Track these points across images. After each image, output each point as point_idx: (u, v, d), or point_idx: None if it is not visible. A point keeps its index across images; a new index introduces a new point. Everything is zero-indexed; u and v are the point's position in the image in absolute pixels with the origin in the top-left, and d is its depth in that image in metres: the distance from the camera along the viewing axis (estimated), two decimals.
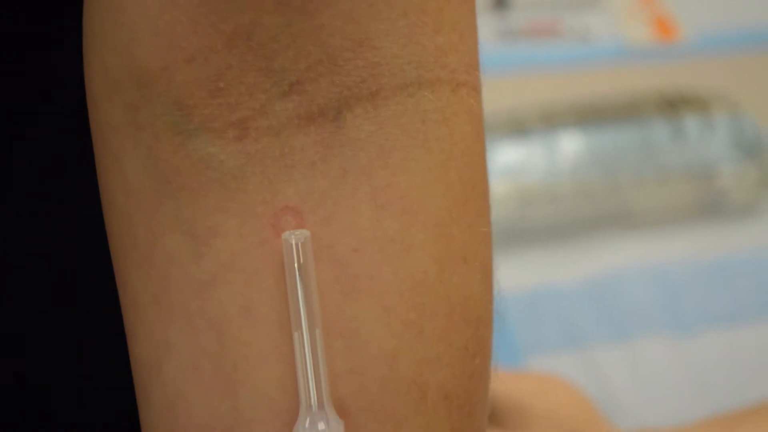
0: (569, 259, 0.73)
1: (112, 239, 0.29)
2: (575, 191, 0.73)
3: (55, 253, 0.38)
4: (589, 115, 0.76)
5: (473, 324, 0.28)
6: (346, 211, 0.27)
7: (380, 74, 0.27)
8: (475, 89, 0.29)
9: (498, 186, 0.72)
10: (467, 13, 0.28)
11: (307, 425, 0.26)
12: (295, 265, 0.26)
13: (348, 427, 0.26)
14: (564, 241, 0.74)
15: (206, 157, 0.26)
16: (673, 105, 0.76)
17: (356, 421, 0.27)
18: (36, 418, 0.40)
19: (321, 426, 0.26)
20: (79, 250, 0.38)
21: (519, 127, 0.74)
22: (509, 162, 0.73)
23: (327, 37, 0.26)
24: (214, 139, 0.26)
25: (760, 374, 0.66)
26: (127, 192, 0.27)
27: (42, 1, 0.33)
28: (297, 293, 0.26)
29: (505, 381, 0.54)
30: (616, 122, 0.75)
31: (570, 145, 0.74)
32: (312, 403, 0.26)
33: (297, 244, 0.26)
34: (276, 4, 0.26)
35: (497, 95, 0.81)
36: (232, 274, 0.27)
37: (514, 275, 0.71)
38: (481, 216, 0.29)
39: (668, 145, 0.74)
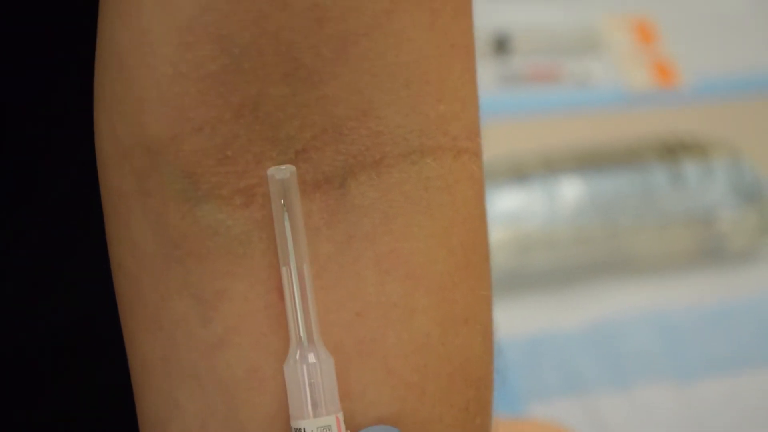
0: (569, 305, 0.73)
1: (121, 301, 0.29)
2: (575, 237, 0.73)
3: (60, 316, 0.38)
4: (589, 161, 0.76)
5: (474, 385, 0.28)
6: (351, 276, 0.27)
7: (384, 143, 0.27)
8: (477, 155, 0.29)
9: (498, 232, 0.72)
10: (469, 81, 0.29)
11: (297, 357, 0.26)
12: (281, 200, 0.26)
13: None
14: (564, 286, 0.74)
15: (214, 224, 0.27)
16: (673, 151, 0.76)
17: None
18: None
19: (311, 359, 0.26)
20: (85, 312, 0.39)
21: (519, 173, 0.75)
22: (509, 208, 0.73)
23: (332, 107, 0.27)
24: (222, 206, 0.27)
25: (762, 421, 0.66)
26: (136, 256, 0.28)
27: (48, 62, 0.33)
28: (284, 228, 0.26)
29: (504, 428, 0.54)
30: (616, 168, 0.75)
31: (570, 190, 0.74)
32: (302, 336, 0.26)
33: (282, 180, 0.26)
34: (282, 75, 0.26)
35: (497, 140, 0.81)
36: (239, 337, 0.27)
37: (515, 321, 0.71)
38: (482, 279, 0.29)
39: (668, 191, 0.74)
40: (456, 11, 0.28)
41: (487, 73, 0.90)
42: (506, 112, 0.87)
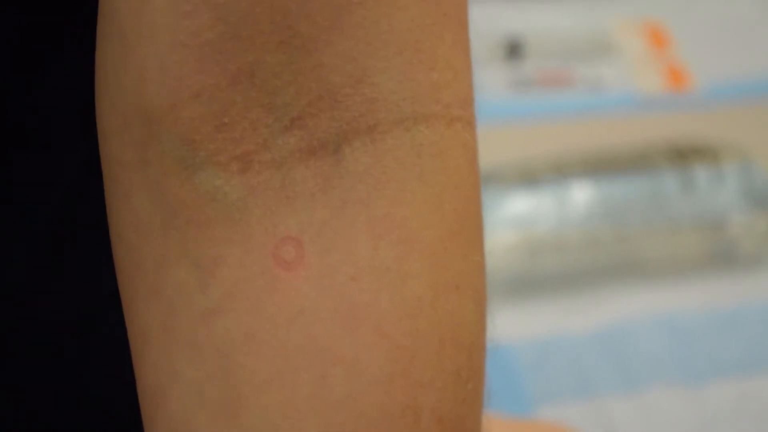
0: (579, 308, 0.73)
1: (121, 273, 0.29)
2: (585, 241, 0.74)
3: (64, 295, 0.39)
4: (600, 165, 0.76)
5: (466, 350, 0.29)
6: (345, 241, 0.28)
7: (377, 109, 0.28)
8: (470, 124, 0.30)
9: (508, 235, 0.73)
10: (461, 51, 0.29)
11: None
12: None
13: None
14: (574, 290, 0.74)
15: (211, 190, 0.27)
16: (684, 155, 0.76)
17: None
18: None
19: None
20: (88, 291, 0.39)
21: (529, 177, 0.75)
22: (519, 211, 0.73)
23: (327, 74, 0.27)
24: (219, 172, 0.27)
25: None
26: (136, 226, 0.28)
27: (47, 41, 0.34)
28: None
29: (512, 429, 0.54)
30: (626, 172, 0.75)
31: (581, 194, 0.74)
32: None
33: None
34: (278, 43, 0.27)
35: (508, 144, 0.82)
36: (236, 302, 0.27)
37: (524, 324, 0.71)
38: (475, 246, 0.29)
39: (678, 196, 0.74)
40: None
41: (498, 77, 0.90)
42: (518, 117, 0.87)
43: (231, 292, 0.27)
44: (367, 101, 0.28)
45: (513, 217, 0.73)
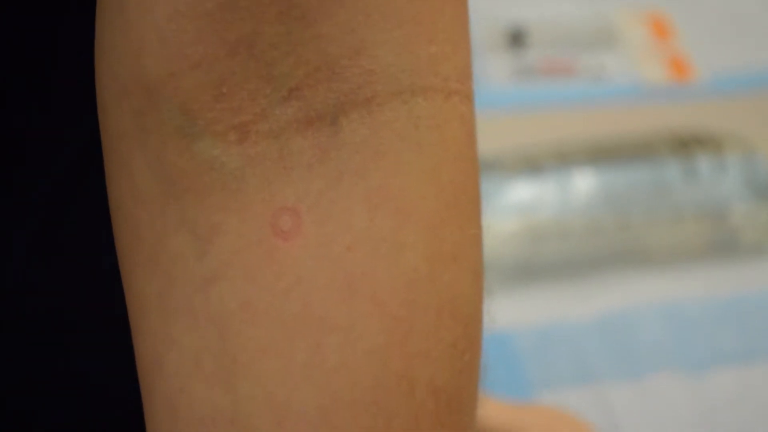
0: (581, 295, 0.73)
1: (119, 241, 0.29)
2: (587, 228, 0.74)
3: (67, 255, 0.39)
4: (603, 154, 0.76)
5: (462, 322, 0.29)
6: (342, 211, 0.27)
7: (375, 81, 0.28)
8: (468, 98, 0.29)
9: (510, 222, 0.73)
10: (460, 25, 0.29)
11: None
12: None
13: (338, 421, 0.27)
14: (576, 277, 0.74)
15: (209, 159, 0.27)
16: (686, 145, 0.77)
17: (347, 417, 0.27)
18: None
19: None
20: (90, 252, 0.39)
21: (532, 165, 0.75)
22: (522, 199, 0.73)
23: (325, 45, 0.27)
24: (217, 142, 0.27)
25: None
26: (135, 195, 0.28)
27: (49, 16, 0.34)
28: None
29: (513, 413, 0.54)
30: (629, 161, 0.76)
31: (583, 182, 0.75)
32: None
33: None
34: (277, 14, 0.27)
35: (511, 132, 0.82)
36: (233, 271, 0.27)
37: (526, 311, 0.71)
38: (472, 219, 0.29)
39: (680, 185, 0.75)
40: None
41: (501, 66, 0.90)
42: (520, 105, 0.87)
43: (228, 261, 0.27)
44: (365, 73, 0.28)
45: (515, 205, 0.73)
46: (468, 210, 0.29)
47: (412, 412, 0.28)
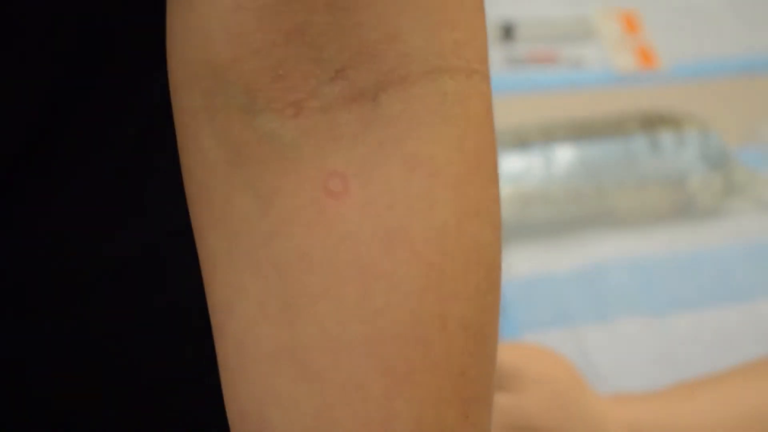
0: (562, 251, 0.73)
1: (192, 204, 0.30)
2: (568, 194, 0.74)
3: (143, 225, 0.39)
4: (581, 131, 0.76)
5: (485, 267, 0.29)
6: (382, 175, 0.27)
7: (409, 62, 0.28)
8: (486, 77, 0.29)
9: (503, 190, 0.72)
10: (478, 15, 0.29)
11: None
12: None
13: (384, 352, 0.27)
14: (558, 236, 0.74)
15: (269, 132, 0.27)
16: (652, 123, 0.76)
17: (391, 348, 0.27)
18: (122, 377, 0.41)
19: None
20: (149, 241, 0.40)
21: (521, 141, 0.75)
22: (513, 169, 0.73)
23: (366, 32, 0.27)
24: (276, 117, 0.27)
25: (721, 349, 0.67)
26: (204, 164, 0.28)
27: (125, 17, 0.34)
28: None
29: (503, 350, 0.54)
30: (603, 137, 0.75)
31: (564, 155, 0.74)
32: None
33: None
34: (325, 5, 0.27)
35: (504, 114, 0.81)
36: (291, 227, 0.27)
37: (515, 264, 0.71)
38: (491, 179, 0.29)
39: (647, 157, 0.74)
40: None
41: (494, 56, 0.90)
42: (511, 90, 0.87)
43: (287, 218, 0.27)
44: (400, 55, 0.27)
45: (507, 175, 0.73)
46: (488, 172, 0.29)
47: (445, 344, 0.28)
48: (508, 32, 0.92)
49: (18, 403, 0.39)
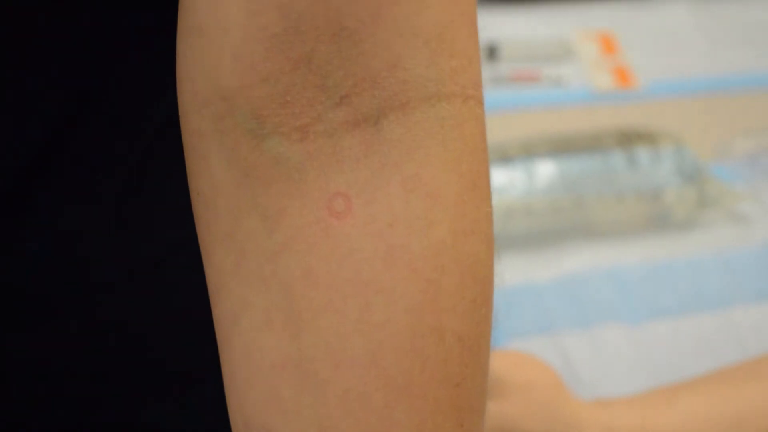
0: (543, 261, 0.73)
1: (199, 222, 0.30)
2: (549, 207, 0.74)
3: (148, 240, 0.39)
4: (561, 147, 0.76)
5: (480, 283, 0.29)
6: (384, 196, 0.28)
7: (409, 89, 0.28)
8: (480, 102, 0.30)
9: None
10: (473, 43, 0.29)
11: None
12: None
13: (384, 364, 0.27)
14: (539, 247, 0.74)
15: (276, 155, 0.27)
16: (629, 139, 0.76)
17: (391, 360, 0.27)
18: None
19: None
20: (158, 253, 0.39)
21: (504, 155, 0.75)
22: (495, 183, 0.73)
23: (368, 60, 0.27)
24: (283, 141, 0.27)
25: (698, 355, 0.67)
26: (213, 184, 0.28)
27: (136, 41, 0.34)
28: None
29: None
30: (582, 152, 0.75)
31: (545, 170, 0.74)
32: None
33: None
34: (330, 35, 0.27)
35: (488, 130, 0.81)
36: (297, 245, 0.28)
37: (498, 274, 0.71)
38: (485, 199, 0.30)
39: (624, 171, 0.75)
40: None
41: None
42: (495, 107, 0.87)
43: (292, 237, 0.28)
44: (401, 82, 0.28)
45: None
46: (482, 192, 0.29)
47: (442, 356, 0.28)
48: (492, 53, 0.92)
49: (28, 403, 0.39)
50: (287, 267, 0.28)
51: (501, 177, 0.74)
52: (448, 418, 0.28)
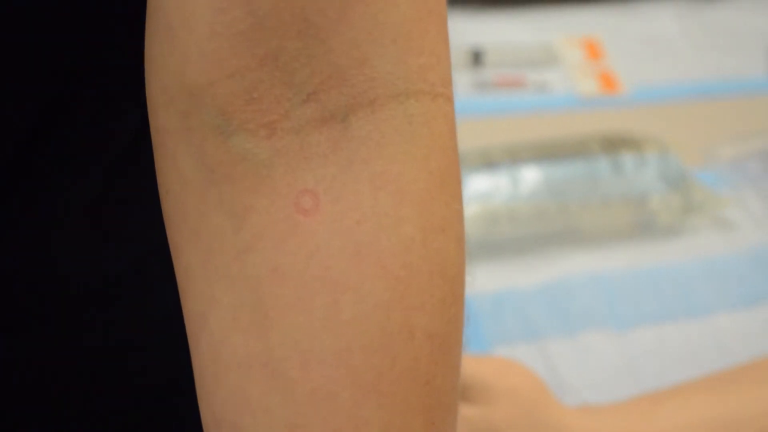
0: (528, 267, 0.73)
1: (168, 220, 0.30)
2: (533, 212, 0.74)
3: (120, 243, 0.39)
4: (546, 152, 0.76)
5: (450, 281, 0.29)
6: (352, 192, 0.28)
7: (377, 86, 0.28)
8: (449, 99, 0.30)
9: (471, 208, 0.73)
10: (442, 41, 0.29)
11: None
12: None
13: (352, 362, 0.27)
14: (524, 253, 0.74)
15: (243, 152, 0.27)
16: (614, 145, 0.77)
17: (360, 359, 0.27)
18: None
19: None
20: (138, 255, 0.39)
21: (488, 161, 0.75)
22: (480, 188, 0.73)
23: (336, 57, 0.27)
24: (249, 138, 0.27)
25: (682, 361, 0.67)
26: (181, 182, 0.28)
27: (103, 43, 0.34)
28: None
29: (472, 364, 0.54)
30: (567, 158, 0.76)
31: (529, 175, 0.74)
32: None
33: None
34: (297, 32, 0.27)
35: (472, 135, 0.82)
36: (263, 242, 0.28)
37: (483, 280, 0.71)
38: (455, 196, 0.29)
39: (609, 177, 0.75)
40: None
41: (464, 80, 0.90)
42: (480, 113, 0.87)
43: (259, 234, 0.27)
44: (369, 80, 0.28)
45: (475, 193, 0.73)
46: (452, 189, 0.29)
47: (411, 354, 0.28)
48: (477, 58, 0.92)
49: (19, 408, 0.39)
50: (254, 265, 0.28)
51: (486, 182, 0.74)
52: (417, 417, 0.28)
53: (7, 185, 0.34)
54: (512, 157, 0.76)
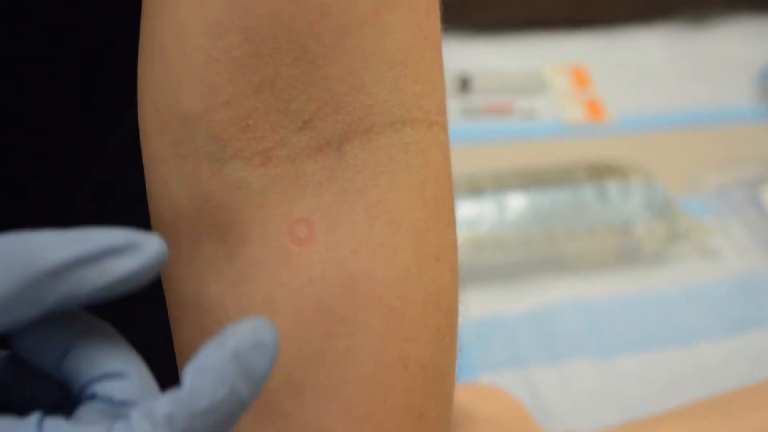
0: (514, 294, 0.73)
1: None
2: (519, 239, 0.74)
3: None
4: (533, 179, 0.77)
5: (444, 310, 0.29)
6: (347, 221, 0.27)
7: (373, 114, 0.28)
8: (444, 127, 0.30)
9: (457, 234, 0.72)
10: (438, 68, 0.29)
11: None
12: None
13: (346, 394, 0.27)
14: (510, 280, 0.74)
15: (237, 180, 0.27)
16: (600, 172, 0.77)
17: (353, 390, 0.27)
18: None
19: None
20: None
21: (475, 187, 0.75)
22: (466, 215, 0.74)
23: (332, 84, 0.27)
24: (244, 166, 0.27)
25: (666, 389, 0.67)
26: (173, 210, 0.28)
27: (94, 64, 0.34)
28: None
29: (456, 390, 0.54)
30: (553, 185, 0.76)
31: (516, 202, 0.75)
32: None
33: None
34: (293, 59, 0.27)
35: (459, 161, 0.82)
36: (257, 272, 0.27)
37: (469, 306, 0.71)
38: (450, 225, 0.29)
39: (595, 205, 0.75)
40: (428, 9, 0.29)
41: (452, 107, 0.90)
42: (467, 139, 0.88)
43: (253, 263, 0.27)
44: (365, 107, 0.27)
45: (461, 220, 0.73)
46: (447, 218, 0.29)
47: (406, 385, 0.27)
48: (465, 84, 0.93)
49: None
50: (248, 295, 0.27)
51: (472, 209, 0.74)
52: None
53: (16, 183, 0.34)
54: (498, 183, 0.76)
